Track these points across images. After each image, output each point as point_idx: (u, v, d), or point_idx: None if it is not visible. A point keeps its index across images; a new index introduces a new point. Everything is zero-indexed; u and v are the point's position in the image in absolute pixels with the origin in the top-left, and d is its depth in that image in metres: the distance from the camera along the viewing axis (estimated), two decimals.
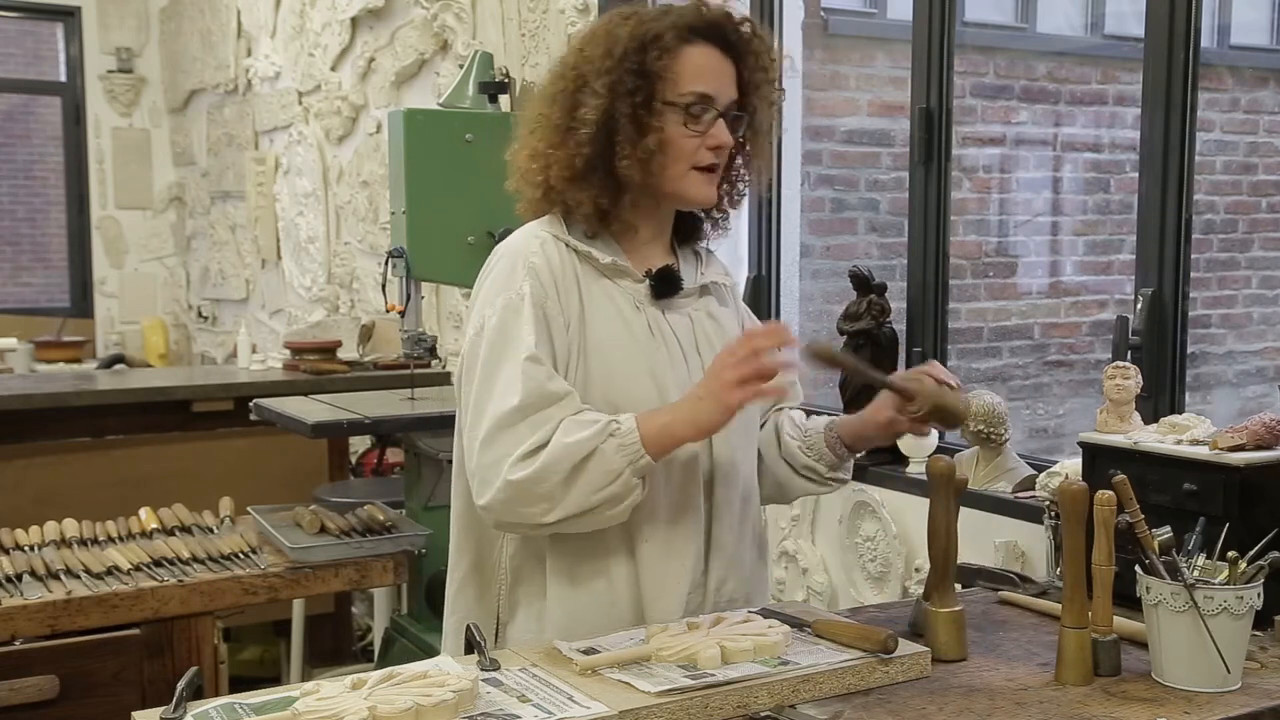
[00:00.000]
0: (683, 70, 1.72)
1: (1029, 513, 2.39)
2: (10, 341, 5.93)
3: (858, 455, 1.95)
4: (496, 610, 1.81)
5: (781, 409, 1.97)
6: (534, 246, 1.75)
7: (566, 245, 1.76)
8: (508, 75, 3.37)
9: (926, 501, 1.71)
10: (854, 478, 2.81)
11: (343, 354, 4.63)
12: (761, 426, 1.94)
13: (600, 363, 1.72)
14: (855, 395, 2.86)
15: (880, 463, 2.82)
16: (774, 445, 1.93)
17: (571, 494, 1.61)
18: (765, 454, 1.93)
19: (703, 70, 1.73)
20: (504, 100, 3.34)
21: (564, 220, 1.78)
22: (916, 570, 2.67)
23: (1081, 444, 2.03)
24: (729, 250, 3.24)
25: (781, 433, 1.93)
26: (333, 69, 5.20)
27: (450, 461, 2.10)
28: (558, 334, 1.71)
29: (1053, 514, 2.14)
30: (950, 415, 1.78)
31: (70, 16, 7.23)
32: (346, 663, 4.29)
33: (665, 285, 1.77)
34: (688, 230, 1.89)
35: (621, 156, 1.71)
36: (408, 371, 3.73)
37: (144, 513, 2.79)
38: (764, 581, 1.93)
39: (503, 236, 1.86)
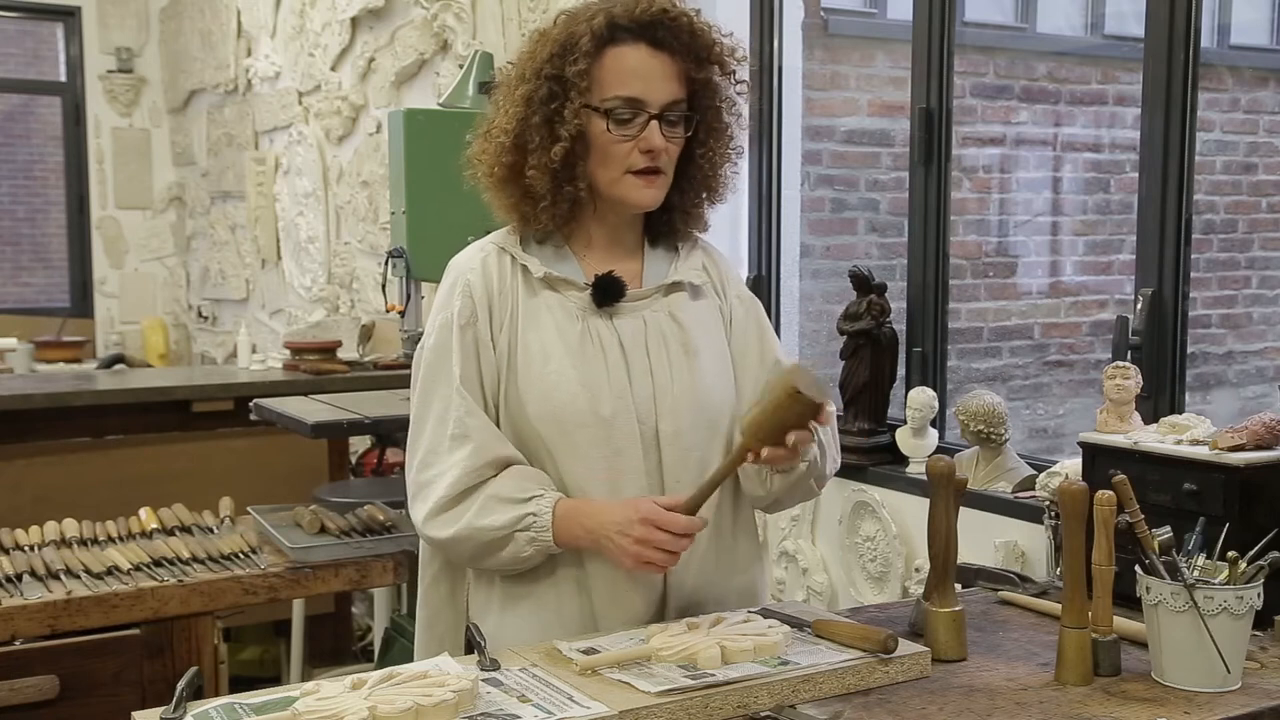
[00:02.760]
0: (605, 74, 1.68)
1: (1029, 513, 2.39)
2: (10, 341, 5.91)
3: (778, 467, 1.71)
4: (465, 607, 1.83)
5: None
6: (475, 263, 1.78)
7: (513, 258, 1.77)
8: None
9: (926, 501, 1.71)
10: (854, 478, 2.84)
11: (343, 354, 4.63)
12: None
13: (530, 375, 1.72)
14: (855, 395, 2.87)
15: (880, 463, 2.82)
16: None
17: (485, 562, 1.73)
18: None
19: (628, 73, 1.68)
20: None
21: (521, 226, 1.78)
22: (916, 570, 2.67)
23: (1081, 444, 2.03)
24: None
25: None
26: (333, 69, 5.20)
27: None
28: (485, 357, 1.74)
29: (1053, 514, 2.14)
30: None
31: (70, 16, 7.22)
32: (346, 663, 4.29)
33: (604, 293, 1.75)
34: (660, 228, 1.83)
35: (530, 167, 1.70)
36: (408, 371, 3.72)
37: (144, 513, 2.79)
38: (755, 581, 1.86)
39: None
